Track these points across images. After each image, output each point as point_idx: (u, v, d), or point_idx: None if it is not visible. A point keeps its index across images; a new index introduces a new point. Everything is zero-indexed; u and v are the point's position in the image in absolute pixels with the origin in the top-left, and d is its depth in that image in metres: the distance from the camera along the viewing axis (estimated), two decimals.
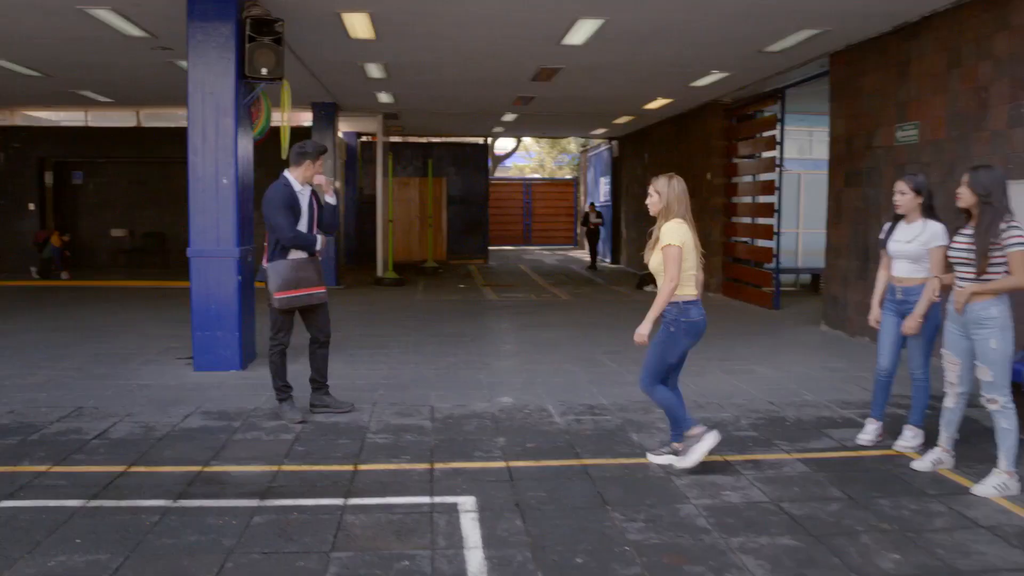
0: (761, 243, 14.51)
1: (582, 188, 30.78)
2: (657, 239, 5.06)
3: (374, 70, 12.81)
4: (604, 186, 25.41)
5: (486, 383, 7.72)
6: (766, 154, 14.27)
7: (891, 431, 5.87)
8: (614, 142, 23.90)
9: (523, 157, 49.79)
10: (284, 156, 8.90)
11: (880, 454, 5.59)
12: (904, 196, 5.52)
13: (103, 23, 9.74)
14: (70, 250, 18.37)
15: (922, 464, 5.23)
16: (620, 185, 23.57)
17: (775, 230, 13.52)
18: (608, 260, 24.21)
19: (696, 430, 5.13)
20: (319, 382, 6.67)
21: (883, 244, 5.69)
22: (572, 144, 54.19)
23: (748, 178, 15.14)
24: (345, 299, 14.47)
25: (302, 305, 6.37)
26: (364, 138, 23.02)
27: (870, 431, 5.81)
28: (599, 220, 22.94)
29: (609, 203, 24.37)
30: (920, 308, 5.38)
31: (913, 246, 5.46)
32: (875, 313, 5.81)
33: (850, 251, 10.66)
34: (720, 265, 15.73)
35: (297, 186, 6.42)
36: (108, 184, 20.84)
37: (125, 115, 19.92)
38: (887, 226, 5.72)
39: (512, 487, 4.89)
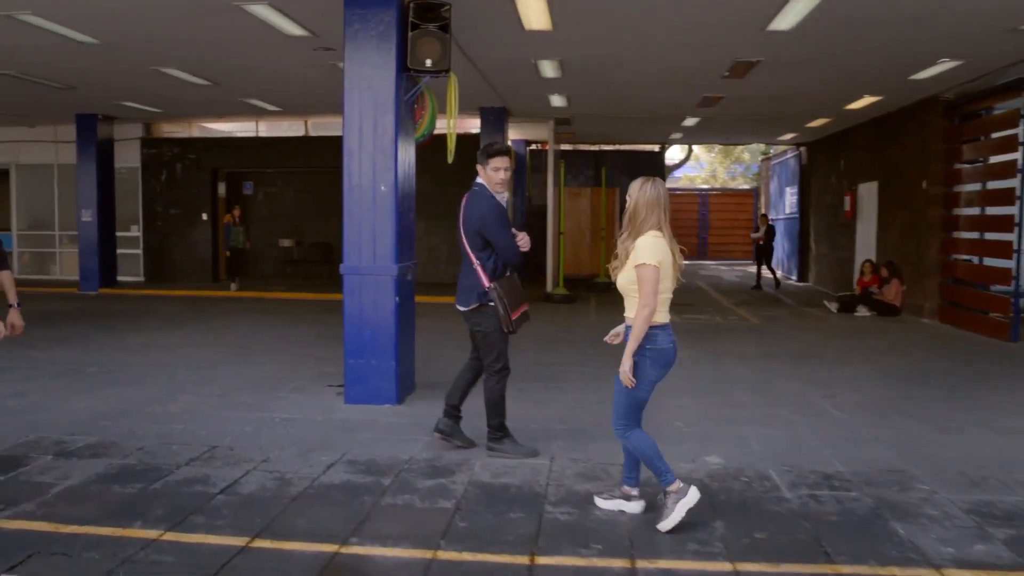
0: (991, 262, 12.37)
1: (763, 199, 28.66)
2: (627, 254, 4.37)
3: (548, 68, 11.68)
4: (790, 197, 23.33)
5: (686, 433, 6.33)
6: (999, 157, 12.14)
7: None
8: (802, 148, 21.85)
9: (694, 167, 47.79)
10: (451, 159, 7.88)
11: None
12: None
13: (262, 21, 9.07)
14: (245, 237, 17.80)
15: None
16: (809, 196, 21.48)
17: (1015, 247, 11.39)
18: (794, 278, 22.15)
19: (676, 485, 4.38)
20: (458, 410, 5.90)
21: None
22: (746, 153, 51.78)
23: (975, 186, 13.01)
24: None
25: (525, 322, 5.71)
26: (533, 146, 22.05)
27: None
28: (760, 236, 20.04)
29: (796, 215, 22.30)
30: None
31: None
32: None
33: None
34: (936, 287, 13.64)
35: (500, 196, 5.67)
36: (277, 194, 20.79)
37: (295, 125, 19.77)
38: None
39: None
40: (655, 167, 23.03)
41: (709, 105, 14.90)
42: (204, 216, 19.56)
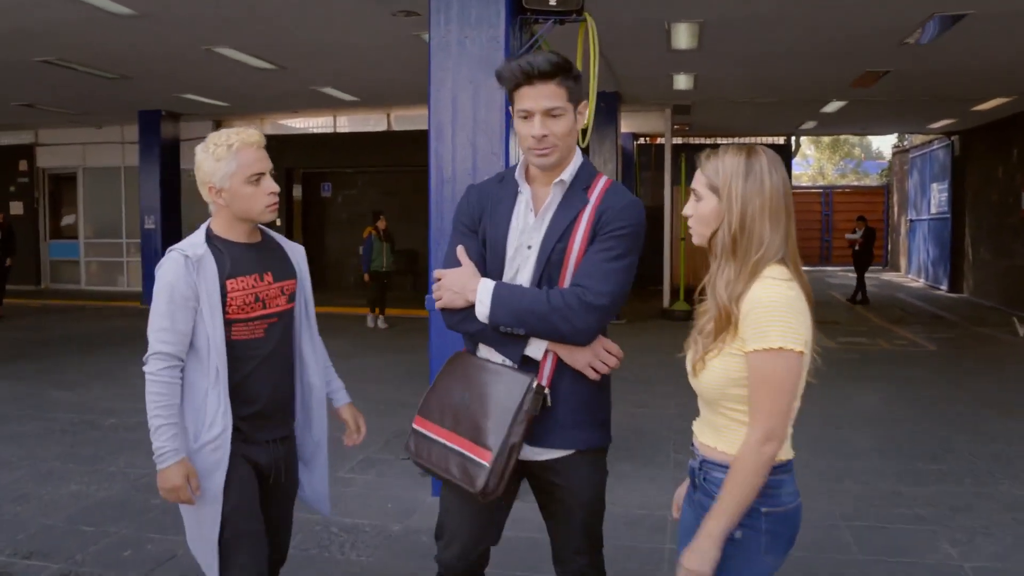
0: None
1: (895, 197, 25.57)
2: (727, 320, 1.97)
3: (683, 35, 9.33)
4: (938, 194, 20.33)
5: (969, 572, 3.93)
6: None
7: None
8: (954, 138, 18.89)
9: (799, 164, 44.59)
10: (584, 143, 5.63)
11: None
12: None
13: None
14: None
15: None
16: (964, 192, 18.52)
17: None
18: (944, 287, 19.20)
19: None
20: None
21: None
22: (856, 148, 48.29)
23: None
24: (630, 340, 11.04)
25: (436, 473, 2.50)
26: (640, 140, 19.68)
27: None
28: (857, 239, 16.78)
29: (946, 215, 19.34)
30: None
31: None
32: None
33: None
34: None
35: (517, 175, 2.51)
36: (357, 196, 18.87)
37: (376, 118, 17.83)
38: None
39: None
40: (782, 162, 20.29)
41: (867, 84, 12.30)
42: (278, 222, 17.80)
